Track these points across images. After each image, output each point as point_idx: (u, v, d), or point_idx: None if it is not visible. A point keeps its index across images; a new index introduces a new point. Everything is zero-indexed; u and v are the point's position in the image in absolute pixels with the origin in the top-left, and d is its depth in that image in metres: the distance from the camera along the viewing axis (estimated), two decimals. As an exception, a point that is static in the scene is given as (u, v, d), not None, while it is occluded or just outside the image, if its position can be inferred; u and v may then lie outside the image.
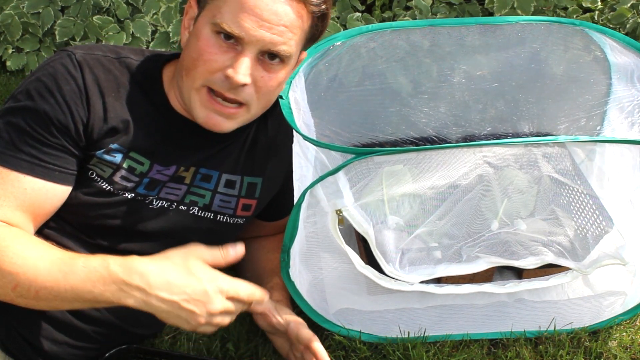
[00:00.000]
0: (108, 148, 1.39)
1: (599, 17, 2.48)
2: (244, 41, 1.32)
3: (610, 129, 1.53)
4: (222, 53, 1.34)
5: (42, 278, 1.25)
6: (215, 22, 1.32)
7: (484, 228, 1.59)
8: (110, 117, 1.38)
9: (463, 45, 1.72)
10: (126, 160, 1.41)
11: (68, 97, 1.34)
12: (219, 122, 1.39)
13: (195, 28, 1.37)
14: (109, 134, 1.38)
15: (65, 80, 1.35)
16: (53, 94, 1.34)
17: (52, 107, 1.33)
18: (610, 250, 1.59)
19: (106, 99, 1.38)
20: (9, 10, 2.62)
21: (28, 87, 1.35)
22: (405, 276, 1.53)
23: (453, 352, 1.63)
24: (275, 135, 1.54)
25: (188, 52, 1.38)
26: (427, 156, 1.53)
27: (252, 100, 1.39)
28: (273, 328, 1.53)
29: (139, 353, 1.51)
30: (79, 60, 1.37)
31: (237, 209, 1.55)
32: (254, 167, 1.55)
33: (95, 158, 1.39)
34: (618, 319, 1.70)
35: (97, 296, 1.24)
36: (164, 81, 1.46)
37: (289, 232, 1.49)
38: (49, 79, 1.35)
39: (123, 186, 1.42)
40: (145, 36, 2.58)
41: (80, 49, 1.41)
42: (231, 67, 1.33)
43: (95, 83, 1.37)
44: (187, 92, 1.39)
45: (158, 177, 1.45)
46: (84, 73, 1.36)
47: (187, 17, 1.41)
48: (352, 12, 2.62)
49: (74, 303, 1.27)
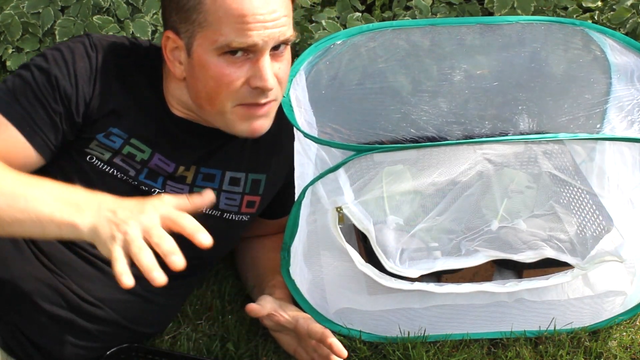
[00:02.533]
0: (108, 132, 1.40)
1: (599, 17, 2.47)
2: (258, 47, 1.32)
3: (610, 127, 1.54)
4: (238, 69, 1.34)
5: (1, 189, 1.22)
6: (221, 45, 1.32)
7: (483, 223, 1.59)
8: (114, 101, 1.39)
9: (463, 44, 1.72)
10: (126, 146, 1.41)
11: (79, 72, 1.37)
12: (261, 125, 1.40)
13: (196, 60, 1.35)
14: (110, 116, 1.39)
15: (81, 57, 1.39)
16: (67, 64, 1.37)
17: (63, 75, 1.36)
18: (608, 247, 1.59)
19: (113, 83, 1.39)
20: (9, 10, 2.62)
21: (46, 52, 1.40)
22: (405, 271, 1.53)
23: (453, 352, 1.63)
24: (277, 132, 1.54)
25: (202, 84, 1.37)
26: (427, 153, 1.53)
27: (279, 93, 1.41)
28: (280, 326, 1.52)
29: (139, 352, 1.51)
30: (96, 43, 1.41)
31: (241, 206, 1.55)
32: (258, 163, 1.55)
33: (95, 141, 1.40)
34: (618, 319, 1.70)
35: (53, 212, 1.20)
36: (163, 76, 1.46)
37: (290, 229, 1.49)
38: (67, 51, 1.39)
39: (125, 169, 1.42)
40: (145, 36, 2.57)
41: (98, 35, 1.45)
42: (254, 76, 1.34)
43: (106, 66, 1.39)
44: (218, 117, 1.40)
45: (158, 170, 1.45)
46: (98, 55, 1.39)
47: (169, 50, 1.39)
48: (352, 12, 2.62)
49: (28, 225, 1.23)
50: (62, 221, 1.20)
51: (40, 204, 1.21)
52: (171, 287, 1.52)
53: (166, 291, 1.52)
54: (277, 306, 1.52)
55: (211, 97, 1.37)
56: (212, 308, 1.71)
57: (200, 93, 1.38)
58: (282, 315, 1.50)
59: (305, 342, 1.50)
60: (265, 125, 1.42)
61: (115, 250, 1.15)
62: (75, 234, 1.21)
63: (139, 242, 1.15)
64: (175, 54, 1.39)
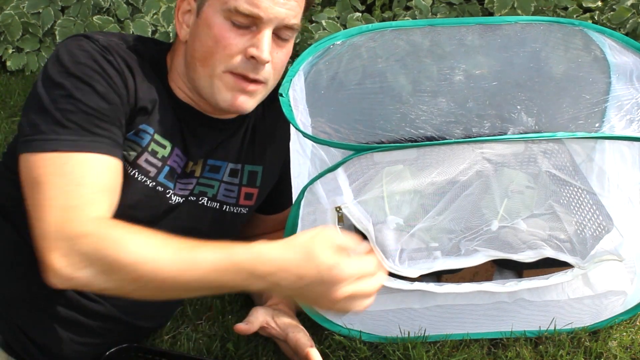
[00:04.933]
0: (137, 129, 1.39)
1: (599, 17, 2.48)
2: (262, 20, 1.34)
3: (609, 126, 1.54)
4: (239, 36, 1.36)
5: (167, 269, 1.19)
6: (230, 8, 1.34)
7: (483, 222, 1.59)
8: (140, 98, 1.39)
9: (463, 44, 1.72)
10: (151, 143, 1.41)
11: (113, 78, 1.33)
12: (244, 101, 1.41)
13: (202, 19, 1.38)
14: (140, 113, 1.39)
15: (106, 61, 1.34)
16: (101, 75, 1.32)
17: (104, 87, 1.31)
18: (608, 246, 1.59)
19: (133, 81, 1.39)
20: (9, 10, 2.62)
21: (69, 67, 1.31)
22: (404, 270, 1.53)
23: (453, 352, 1.63)
24: (272, 124, 1.55)
25: (200, 43, 1.38)
26: (426, 153, 1.53)
27: (270, 77, 1.42)
28: (274, 337, 1.54)
29: (139, 352, 1.51)
30: (104, 45, 1.36)
31: (239, 197, 1.55)
32: (255, 155, 1.56)
33: (125, 141, 1.38)
34: (618, 319, 1.70)
35: (224, 284, 1.21)
36: (167, 69, 1.47)
37: (289, 230, 1.49)
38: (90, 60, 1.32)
39: (146, 171, 1.42)
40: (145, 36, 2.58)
41: (96, 34, 1.41)
42: (253, 46, 1.35)
43: (124, 66, 1.38)
44: (206, 80, 1.40)
45: (174, 166, 1.45)
46: (114, 56, 1.36)
47: (181, 12, 1.43)
48: (352, 12, 2.62)
49: (199, 292, 1.27)
50: (234, 290, 1.24)
51: (217, 285, 1.22)
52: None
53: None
54: (269, 316, 1.51)
55: (205, 57, 1.38)
56: (212, 308, 1.72)
57: (196, 52, 1.39)
58: (273, 327, 1.51)
59: (298, 355, 1.51)
60: (248, 105, 1.42)
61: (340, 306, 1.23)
62: None
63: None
64: (185, 17, 1.42)
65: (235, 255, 1.20)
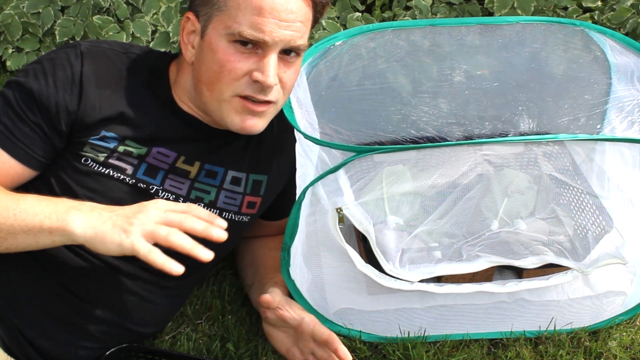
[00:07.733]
0: (102, 135, 1.40)
1: (599, 17, 2.48)
2: (267, 44, 1.33)
3: (610, 128, 1.54)
4: (244, 60, 1.35)
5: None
6: (233, 32, 1.33)
7: (484, 227, 1.59)
8: (105, 108, 1.40)
9: (463, 45, 1.72)
10: (120, 146, 1.42)
11: (59, 82, 1.37)
12: (253, 124, 1.40)
13: (207, 42, 1.37)
14: (102, 122, 1.40)
15: (62, 66, 1.39)
16: (46, 76, 1.38)
17: (40, 87, 1.37)
18: (610, 249, 1.59)
19: (104, 90, 1.39)
20: (9, 10, 2.61)
21: (27, 67, 1.42)
22: (405, 274, 1.53)
23: (453, 352, 1.63)
24: (280, 133, 1.54)
25: (206, 67, 1.37)
26: (427, 154, 1.53)
27: (280, 97, 1.41)
28: (282, 322, 1.51)
29: (139, 352, 1.51)
30: (83, 51, 1.41)
31: (242, 206, 1.55)
32: (260, 164, 1.55)
33: (88, 145, 1.40)
34: (618, 319, 1.70)
35: (43, 220, 1.25)
36: (170, 78, 1.47)
37: (290, 230, 1.49)
38: (47, 62, 1.40)
39: (121, 168, 1.42)
40: (145, 36, 2.57)
41: (88, 42, 1.45)
42: (258, 70, 1.34)
43: (94, 74, 1.39)
44: (215, 104, 1.40)
45: (157, 164, 1.45)
46: (84, 63, 1.39)
47: (186, 33, 1.41)
48: (352, 12, 2.62)
49: (22, 235, 1.28)
50: (52, 227, 1.24)
51: (28, 215, 1.26)
52: (171, 287, 1.53)
53: (166, 291, 1.53)
54: (284, 302, 1.51)
55: (212, 82, 1.37)
56: (212, 308, 1.72)
57: (202, 77, 1.39)
58: (287, 310, 1.49)
59: (304, 343, 1.50)
60: (258, 126, 1.42)
61: (137, 243, 1.19)
62: (68, 238, 1.24)
63: (164, 227, 1.21)
64: (190, 38, 1.41)
65: (52, 199, 1.29)
